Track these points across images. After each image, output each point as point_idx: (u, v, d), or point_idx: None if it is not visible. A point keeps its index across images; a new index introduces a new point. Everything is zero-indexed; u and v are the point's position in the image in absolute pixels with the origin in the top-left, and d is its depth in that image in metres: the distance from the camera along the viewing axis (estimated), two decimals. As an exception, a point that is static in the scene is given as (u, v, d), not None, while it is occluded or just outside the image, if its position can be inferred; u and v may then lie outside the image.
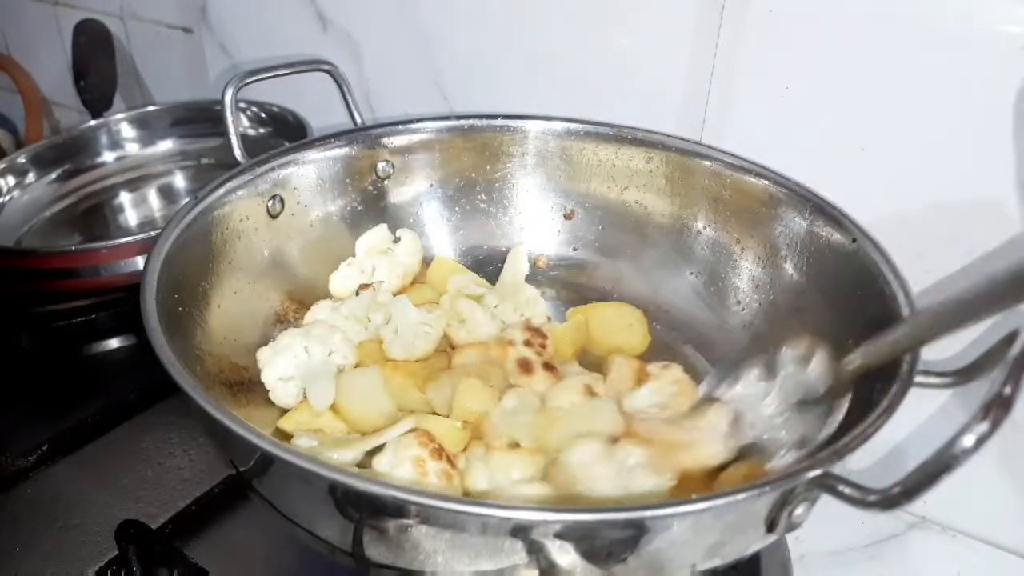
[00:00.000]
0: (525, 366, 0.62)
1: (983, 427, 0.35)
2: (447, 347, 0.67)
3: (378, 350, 0.65)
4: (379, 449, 0.55)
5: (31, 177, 0.94)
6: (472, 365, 0.62)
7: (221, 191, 0.63)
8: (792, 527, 0.43)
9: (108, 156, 1.00)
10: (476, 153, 0.76)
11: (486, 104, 0.82)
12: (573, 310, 0.71)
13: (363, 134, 0.73)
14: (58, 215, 0.94)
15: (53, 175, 0.96)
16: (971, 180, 0.60)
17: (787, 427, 0.52)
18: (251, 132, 0.98)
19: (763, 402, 0.54)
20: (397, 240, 0.74)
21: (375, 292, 0.69)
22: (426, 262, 0.76)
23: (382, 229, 0.74)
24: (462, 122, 0.75)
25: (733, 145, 0.69)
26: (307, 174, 0.70)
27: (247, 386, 0.61)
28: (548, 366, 0.62)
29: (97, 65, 1.03)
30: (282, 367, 0.60)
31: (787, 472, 0.40)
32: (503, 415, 0.57)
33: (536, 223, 0.77)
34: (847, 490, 0.39)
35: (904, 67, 0.60)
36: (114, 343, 0.77)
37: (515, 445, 0.55)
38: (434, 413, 0.60)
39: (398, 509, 0.40)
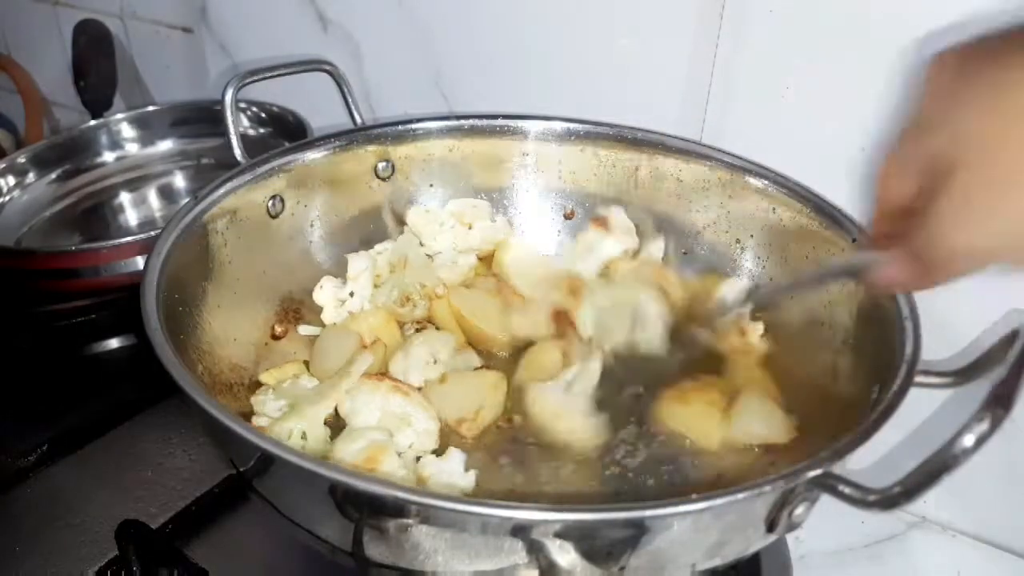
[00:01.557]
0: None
1: (983, 427, 0.35)
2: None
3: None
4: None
5: (31, 177, 0.94)
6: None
7: (221, 191, 0.63)
8: (792, 527, 0.43)
9: (108, 156, 1.00)
10: (476, 153, 0.76)
11: (486, 104, 0.82)
12: None
13: (363, 134, 0.73)
14: (58, 215, 0.94)
15: (53, 175, 0.96)
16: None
17: None
18: (251, 132, 0.98)
19: None
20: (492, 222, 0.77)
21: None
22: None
23: (483, 205, 0.76)
24: (462, 122, 0.75)
25: (733, 145, 0.69)
26: (307, 174, 0.70)
27: (247, 386, 0.61)
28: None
29: (97, 65, 1.03)
30: None
31: (787, 472, 0.40)
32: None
33: (536, 223, 0.77)
34: (847, 490, 0.39)
35: (905, 67, 0.60)
36: (114, 343, 0.77)
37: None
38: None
39: (398, 509, 0.40)
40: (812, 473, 0.40)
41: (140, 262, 0.73)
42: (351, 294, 0.69)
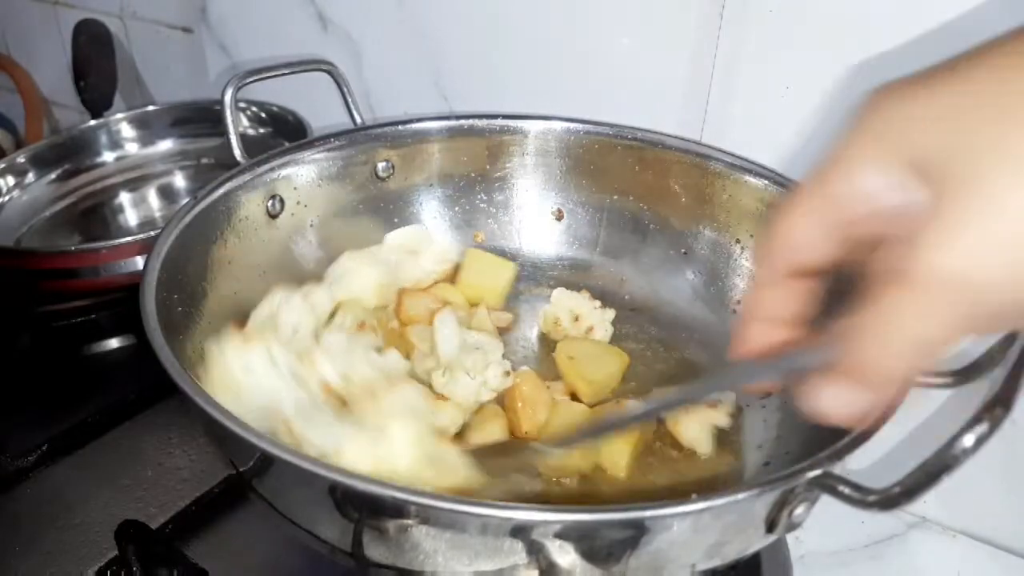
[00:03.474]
0: None
1: (983, 427, 0.35)
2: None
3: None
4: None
5: (31, 177, 0.94)
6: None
7: (221, 191, 0.63)
8: (792, 527, 0.43)
9: (108, 156, 1.00)
10: (476, 153, 0.76)
11: (486, 104, 0.82)
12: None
13: (363, 134, 0.73)
14: (58, 215, 0.94)
15: (53, 175, 0.96)
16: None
17: None
18: (251, 132, 0.98)
19: None
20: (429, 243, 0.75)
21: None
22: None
23: (419, 230, 0.75)
24: (462, 122, 0.75)
25: (733, 145, 0.69)
26: (307, 174, 0.70)
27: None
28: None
29: (97, 65, 1.03)
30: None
31: (787, 472, 0.40)
32: None
33: (536, 223, 0.77)
34: (847, 490, 0.39)
35: (905, 67, 0.60)
36: (114, 343, 0.77)
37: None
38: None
39: (398, 509, 0.40)
40: (812, 473, 0.40)
41: (140, 262, 0.73)
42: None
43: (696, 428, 0.58)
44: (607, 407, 0.61)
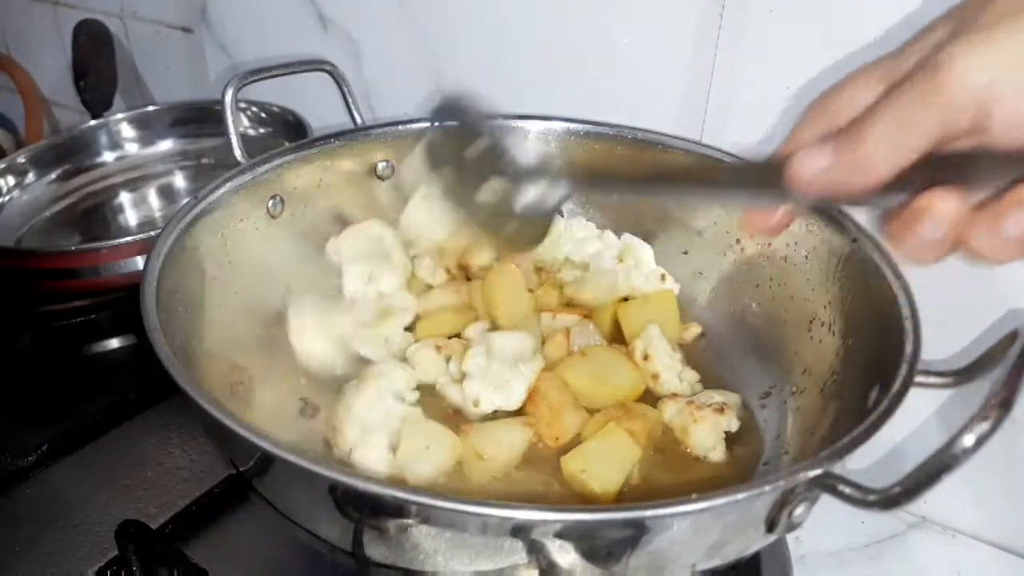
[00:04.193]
0: None
1: (983, 427, 0.35)
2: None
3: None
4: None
5: (31, 177, 0.94)
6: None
7: (221, 191, 0.63)
8: (792, 527, 0.43)
9: (108, 156, 1.00)
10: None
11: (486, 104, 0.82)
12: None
13: (363, 134, 0.73)
14: (58, 215, 0.94)
15: (53, 175, 0.96)
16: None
17: None
18: (251, 132, 0.98)
19: None
20: None
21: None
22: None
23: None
24: (462, 122, 0.75)
25: (733, 145, 0.69)
26: (307, 174, 0.70)
27: (247, 386, 0.61)
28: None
29: (97, 65, 1.04)
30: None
31: (787, 472, 0.40)
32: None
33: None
34: (847, 490, 0.39)
35: (904, 67, 0.60)
36: (114, 343, 0.77)
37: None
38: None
39: (398, 509, 0.40)
40: (812, 473, 0.40)
41: (140, 262, 0.73)
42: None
43: (707, 436, 0.57)
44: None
